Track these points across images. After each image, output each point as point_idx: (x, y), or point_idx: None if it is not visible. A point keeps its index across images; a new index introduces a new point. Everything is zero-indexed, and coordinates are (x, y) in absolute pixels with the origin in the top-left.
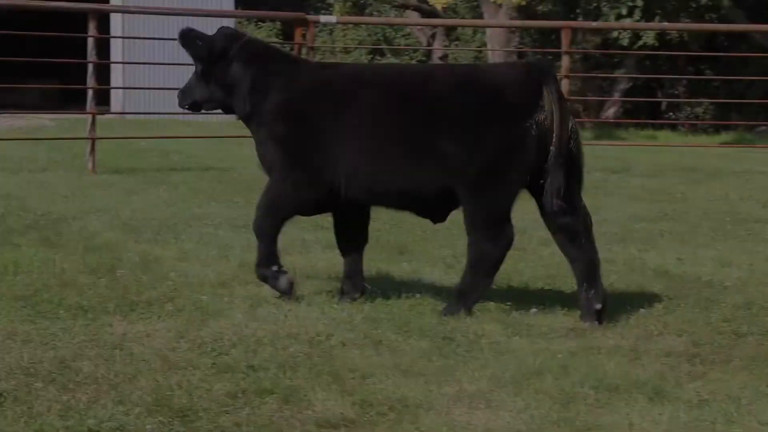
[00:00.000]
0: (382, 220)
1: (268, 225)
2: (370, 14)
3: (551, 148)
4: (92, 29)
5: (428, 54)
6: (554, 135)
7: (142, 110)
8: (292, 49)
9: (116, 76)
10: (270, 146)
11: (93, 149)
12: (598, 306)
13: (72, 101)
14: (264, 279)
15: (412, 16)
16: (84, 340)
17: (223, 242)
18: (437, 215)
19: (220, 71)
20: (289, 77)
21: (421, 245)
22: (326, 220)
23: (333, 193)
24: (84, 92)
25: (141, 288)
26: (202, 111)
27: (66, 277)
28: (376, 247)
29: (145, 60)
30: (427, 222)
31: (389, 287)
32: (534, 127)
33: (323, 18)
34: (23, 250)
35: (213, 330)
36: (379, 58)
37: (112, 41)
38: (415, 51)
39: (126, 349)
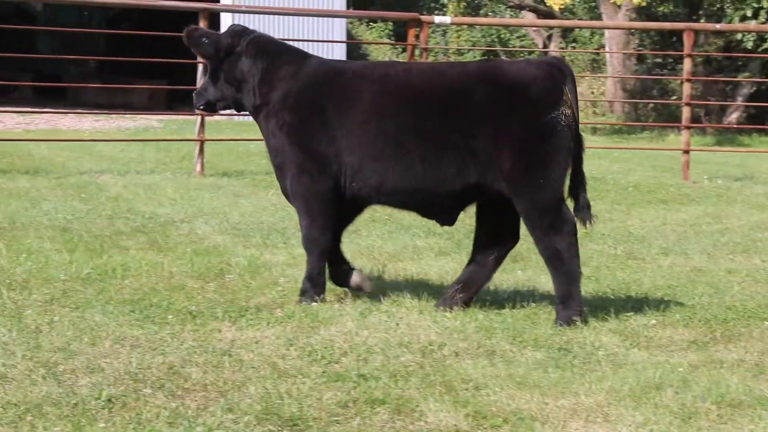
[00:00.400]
0: None
1: (316, 233)
2: (485, 15)
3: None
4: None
5: (544, 56)
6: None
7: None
8: (404, 50)
9: None
10: (278, 139)
11: (201, 151)
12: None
13: (180, 102)
14: (303, 293)
15: (528, 17)
16: (193, 345)
17: None
18: (449, 217)
19: (228, 68)
20: (297, 68)
21: (536, 253)
22: (439, 226)
23: (340, 187)
24: (191, 93)
25: (250, 293)
26: (217, 111)
27: (174, 282)
28: None
29: None
30: None
31: (503, 296)
32: (562, 117)
33: (437, 18)
34: (131, 253)
35: (323, 337)
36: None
37: None
38: (530, 53)
39: (235, 356)
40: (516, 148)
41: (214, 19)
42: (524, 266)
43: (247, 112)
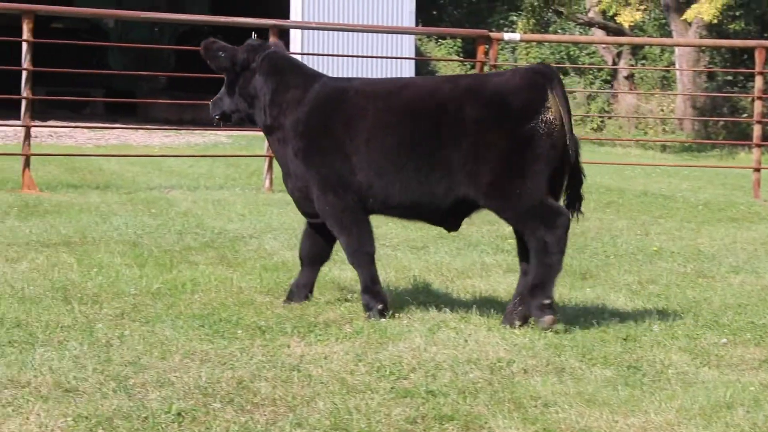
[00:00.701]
0: None
1: (357, 246)
2: (554, 32)
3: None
4: None
5: (613, 73)
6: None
7: None
8: (473, 67)
9: None
10: (298, 164)
11: (270, 167)
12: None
13: None
14: (367, 307)
15: (598, 34)
16: (262, 360)
17: (401, 264)
18: (453, 224)
19: (243, 83)
20: (304, 91)
21: (605, 270)
22: (507, 242)
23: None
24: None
25: (318, 309)
26: (232, 122)
27: (243, 297)
28: None
29: None
30: (612, 247)
31: (572, 313)
32: (542, 125)
33: (507, 35)
34: (201, 268)
35: (392, 353)
36: (561, 77)
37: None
38: (599, 70)
39: (304, 371)
40: (494, 162)
41: (283, 35)
42: (593, 283)
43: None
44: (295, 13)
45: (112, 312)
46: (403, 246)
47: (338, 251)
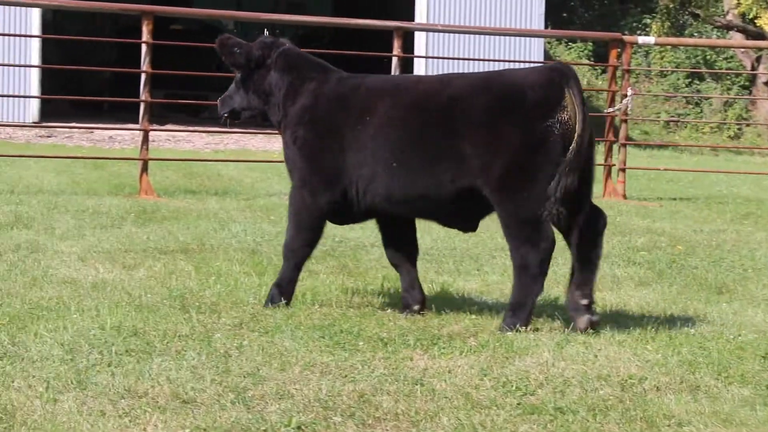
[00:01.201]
0: (699, 257)
1: (298, 245)
2: (690, 35)
3: (572, 146)
4: (396, 48)
5: (752, 78)
6: (576, 134)
7: None
8: (604, 71)
9: None
10: (290, 150)
11: None
12: (584, 302)
13: None
14: (271, 299)
15: (736, 38)
16: (384, 373)
17: None
18: (469, 224)
19: (258, 80)
20: (319, 83)
21: (743, 284)
22: (638, 254)
23: (350, 200)
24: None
25: (442, 321)
26: (241, 120)
27: (365, 308)
28: (692, 285)
29: None
30: (749, 260)
31: (707, 329)
32: (557, 126)
33: (641, 39)
34: (321, 277)
35: (518, 368)
36: (697, 82)
37: (416, 61)
38: (737, 75)
39: (427, 385)
40: (507, 156)
41: (408, 38)
42: (730, 298)
43: (271, 124)
44: (420, 15)
45: (231, 321)
46: None
47: (446, 256)
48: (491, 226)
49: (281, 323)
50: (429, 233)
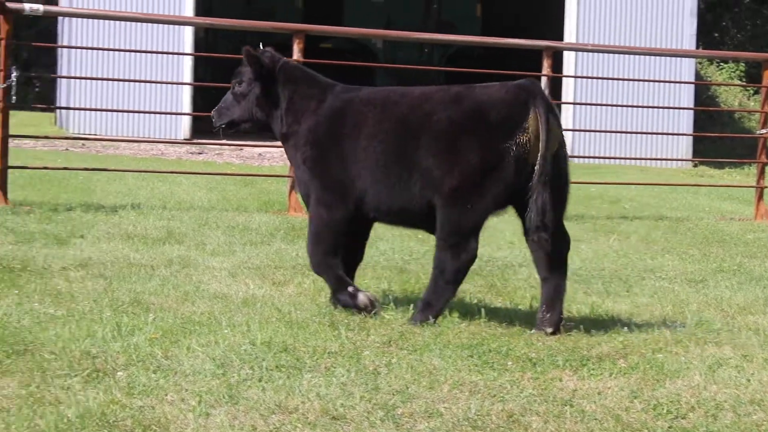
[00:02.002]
0: None
1: (322, 256)
2: None
3: (536, 166)
4: (546, 67)
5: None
6: (540, 154)
7: (592, 154)
8: (756, 92)
9: (566, 117)
10: (302, 171)
11: None
12: (549, 330)
13: None
14: (344, 305)
15: None
16: (533, 393)
17: (678, 297)
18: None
19: (262, 91)
20: (319, 101)
21: None
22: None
23: (359, 211)
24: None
25: (591, 342)
26: (238, 131)
27: (513, 327)
28: None
29: (597, 101)
30: None
31: None
32: (514, 147)
33: None
34: (469, 296)
35: (669, 391)
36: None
37: (564, 80)
38: None
39: (576, 407)
40: (461, 171)
41: (557, 57)
42: None
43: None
44: (570, 35)
45: (380, 339)
46: (680, 279)
47: (595, 277)
48: (640, 247)
49: (430, 342)
50: (577, 253)
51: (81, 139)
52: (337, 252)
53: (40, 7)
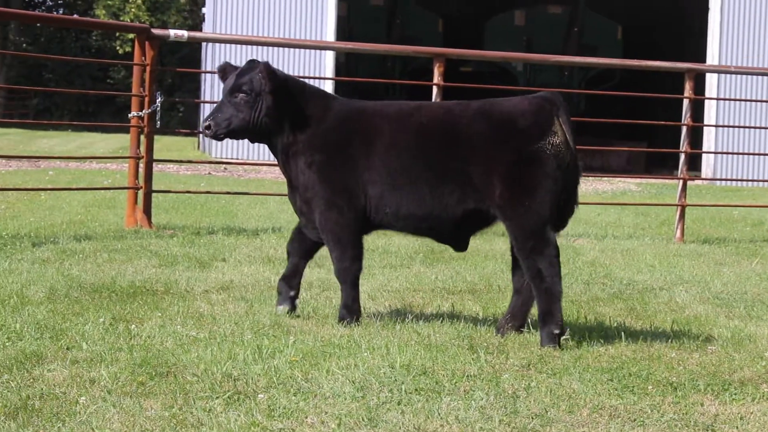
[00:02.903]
0: None
1: (350, 262)
2: None
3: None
4: (688, 90)
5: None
6: (566, 159)
7: (735, 176)
8: None
9: (708, 139)
10: (308, 176)
11: (682, 216)
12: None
13: (659, 165)
14: (341, 319)
15: None
16: (673, 418)
17: None
18: (461, 243)
19: (271, 103)
20: (324, 109)
21: None
22: None
23: (366, 217)
24: (673, 156)
25: (733, 366)
26: (236, 139)
27: (653, 351)
28: None
29: (740, 123)
30: None
31: None
32: (549, 146)
33: None
34: (608, 320)
35: None
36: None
37: (707, 103)
38: None
39: (718, 431)
40: (505, 175)
41: (699, 79)
42: None
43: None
44: (712, 57)
45: (519, 362)
46: None
47: (737, 301)
48: None
49: (569, 365)
50: (719, 276)
51: (223, 163)
52: (361, 256)
53: (185, 34)
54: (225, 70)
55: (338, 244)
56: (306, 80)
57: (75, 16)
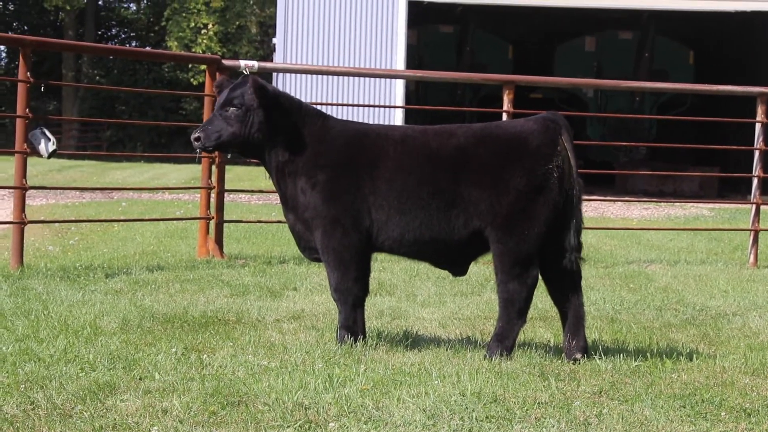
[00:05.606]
0: None
1: (351, 283)
2: None
3: (570, 189)
4: (760, 114)
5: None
6: (571, 177)
7: None
8: None
9: None
10: (310, 196)
11: (755, 241)
12: (578, 356)
13: (731, 190)
14: (341, 340)
15: None
16: None
17: None
18: (460, 268)
19: (265, 118)
20: (323, 129)
21: None
22: None
23: (369, 239)
24: (745, 181)
25: None
26: (225, 153)
27: (726, 377)
28: None
29: None
30: None
31: None
32: (555, 170)
33: None
34: (681, 346)
35: None
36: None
37: None
38: None
39: None
40: (512, 200)
41: None
42: None
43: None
44: None
45: (590, 389)
46: None
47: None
48: None
49: (641, 392)
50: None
51: None
52: (364, 280)
53: (255, 64)
54: (222, 86)
55: (341, 264)
56: (376, 108)
57: (147, 48)
